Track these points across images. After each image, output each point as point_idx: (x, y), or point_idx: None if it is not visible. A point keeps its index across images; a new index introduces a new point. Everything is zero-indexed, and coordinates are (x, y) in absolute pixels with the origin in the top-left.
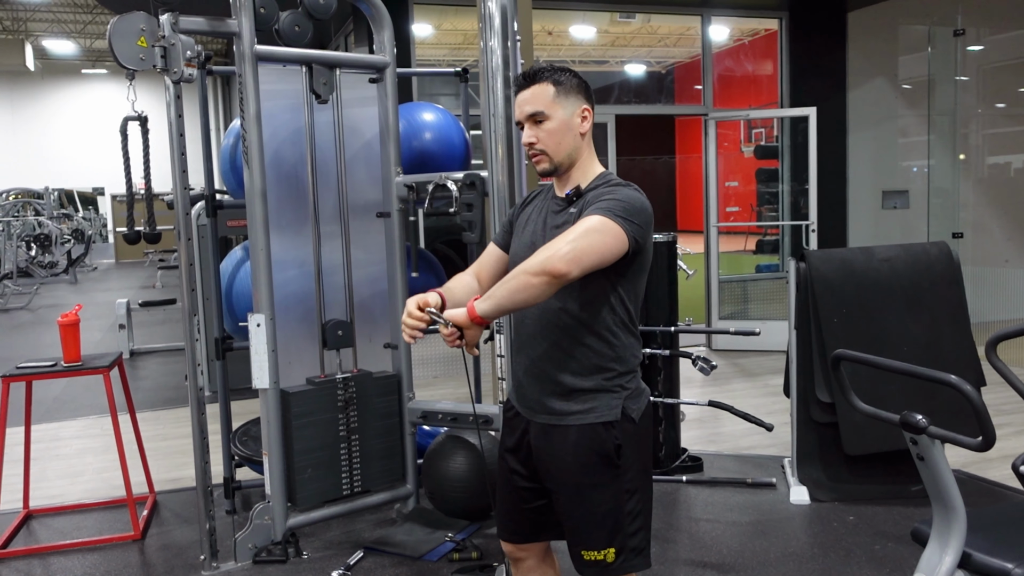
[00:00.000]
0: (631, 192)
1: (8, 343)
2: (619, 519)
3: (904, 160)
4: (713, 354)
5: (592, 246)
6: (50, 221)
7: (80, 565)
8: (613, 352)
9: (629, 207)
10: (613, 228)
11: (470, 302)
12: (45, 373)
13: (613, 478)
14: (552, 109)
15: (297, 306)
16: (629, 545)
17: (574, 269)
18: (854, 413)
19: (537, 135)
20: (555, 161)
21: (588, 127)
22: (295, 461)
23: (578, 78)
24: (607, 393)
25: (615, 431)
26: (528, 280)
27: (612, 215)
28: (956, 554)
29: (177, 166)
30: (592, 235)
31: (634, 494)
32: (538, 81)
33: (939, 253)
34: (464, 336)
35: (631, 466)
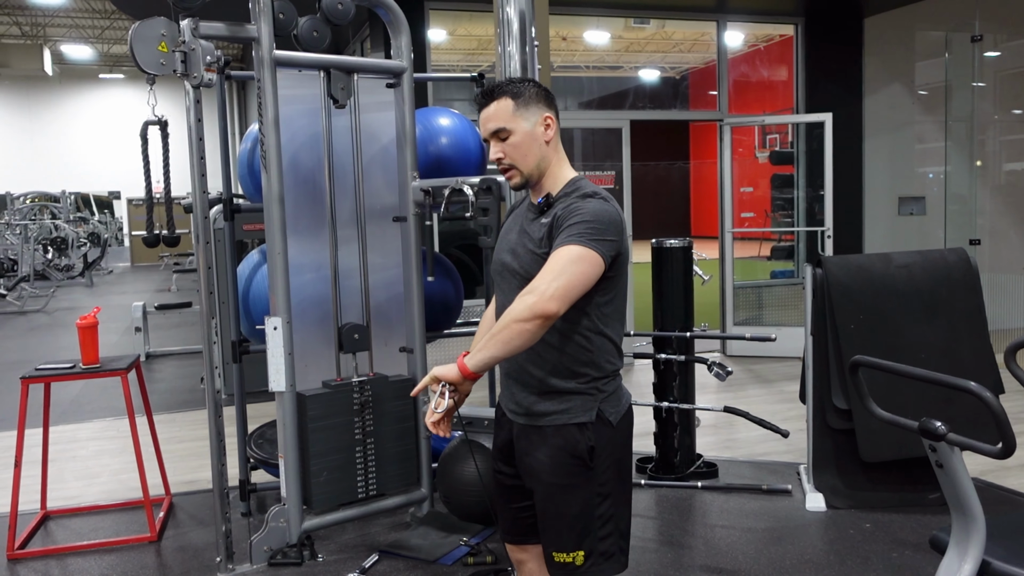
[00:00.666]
0: (598, 206)
1: (25, 345)
2: (589, 522)
3: (921, 166)
4: (728, 360)
5: (574, 279)
6: (67, 224)
7: (97, 566)
8: (587, 356)
9: (598, 226)
10: (589, 256)
11: (460, 358)
12: (64, 375)
13: (586, 480)
14: (514, 123)
15: (314, 310)
16: (599, 549)
17: (563, 306)
18: (871, 420)
19: (503, 150)
20: (525, 173)
21: (553, 134)
22: (311, 464)
23: (537, 87)
24: (582, 395)
25: (589, 432)
26: (521, 327)
27: (585, 241)
28: (975, 562)
29: (196, 170)
30: (572, 268)
31: (606, 498)
32: (497, 97)
33: (957, 260)
34: (458, 391)
35: (605, 469)
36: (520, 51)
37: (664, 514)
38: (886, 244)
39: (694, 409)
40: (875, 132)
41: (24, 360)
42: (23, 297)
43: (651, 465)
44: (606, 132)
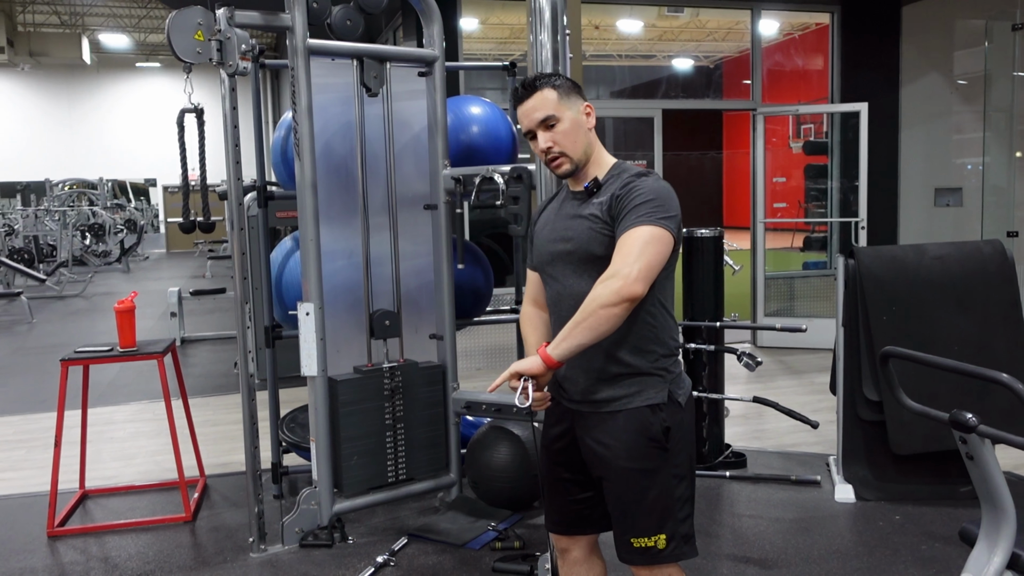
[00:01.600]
0: (656, 183)
1: (64, 329)
2: (669, 505)
3: (958, 157)
4: (759, 351)
5: (653, 259)
6: (104, 211)
7: (134, 544)
8: (654, 333)
9: (662, 203)
10: (662, 235)
11: (541, 349)
12: (102, 357)
13: (663, 462)
14: (560, 111)
15: (345, 296)
16: (680, 532)
17: (646, 287)
18: (902, 411)
19: (553, 139)
20: (575, 160)
21: (593, 122)
22: (342, 448)
23: (570, 80)
24: (652, 376)
25: (663, 413)
26: (609, 312)
27: (655, 220)
28: (1005, 555)
29: (231, 157)
30: (649, 248)
31: (683, 479)
32: (540, 88)
33: (993, 251)
34: (537, 381)
35: (680, 451)
36: (552, 40)
37: None
38: (921, 236)
39: (723, 399)
40: (911, 122)
41: (63, 344)
42: (62, 282)
43: None
44: (638, 121)
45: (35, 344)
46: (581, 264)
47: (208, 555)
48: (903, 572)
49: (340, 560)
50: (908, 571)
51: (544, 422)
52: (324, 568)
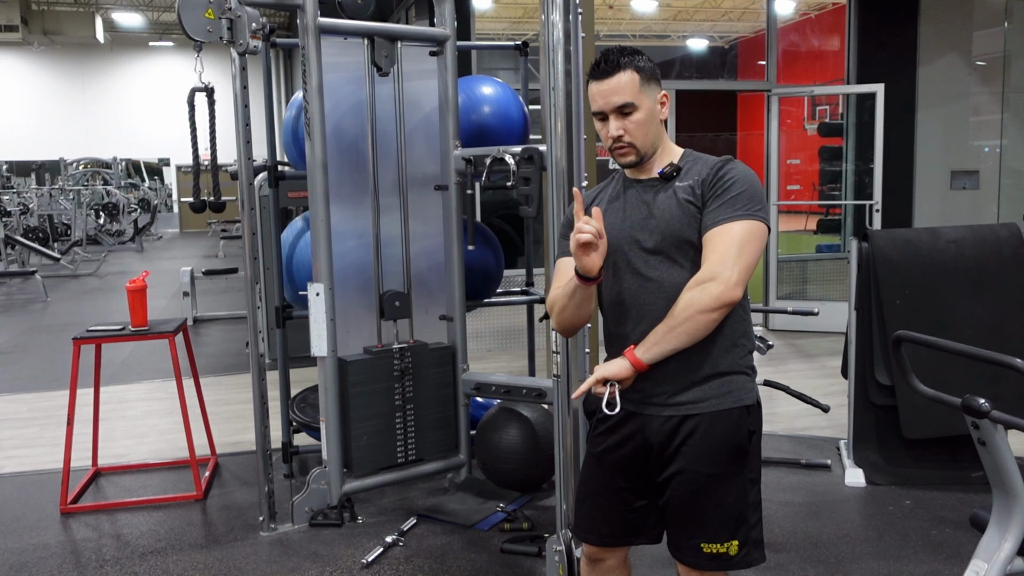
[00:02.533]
0: (748, 174)
1: (78, 308)
2: (744, 510)
3: (975, 139)
4: (770, 334)
5: (752, 258)
6: (118, 191)
7: (145, 522)
8: (743, 328)
9: (755, 194)
10: (761, 230)
11: (628, 353)
12: (114, 336)
13: (741, 467)
14: (640, 99)
15: (355, 276)
16: (752, 537)
17: (741, 290)
18: (914, 396)
19: (625, 127)
20: (641, 152)
21: (667, 112)
22: (352, 428)
23: (652, 62)
24: (741, 375)
25: (750, 417)
26: (707, 318)
27: (752, 214)
28: (1016, 540)
29: (241, 137)
30: (749, 247)
31: (756, 483)
32: (624, 68)
33: (1008, 235)
34: (622, 383)
35: (757, 454)
36: (564, 19)
37: None
38: (937, 219)
39: None
40: (928, 104)
41: (77, 322)
42: (76, 261)
43: None
44: None
45: (49, 323)
46: (672, 251)
47: (219, 533)
48: (913, 557)
49: (349, 539)
50: (918, 556)
51: (593, 430)
52: (333, 547)
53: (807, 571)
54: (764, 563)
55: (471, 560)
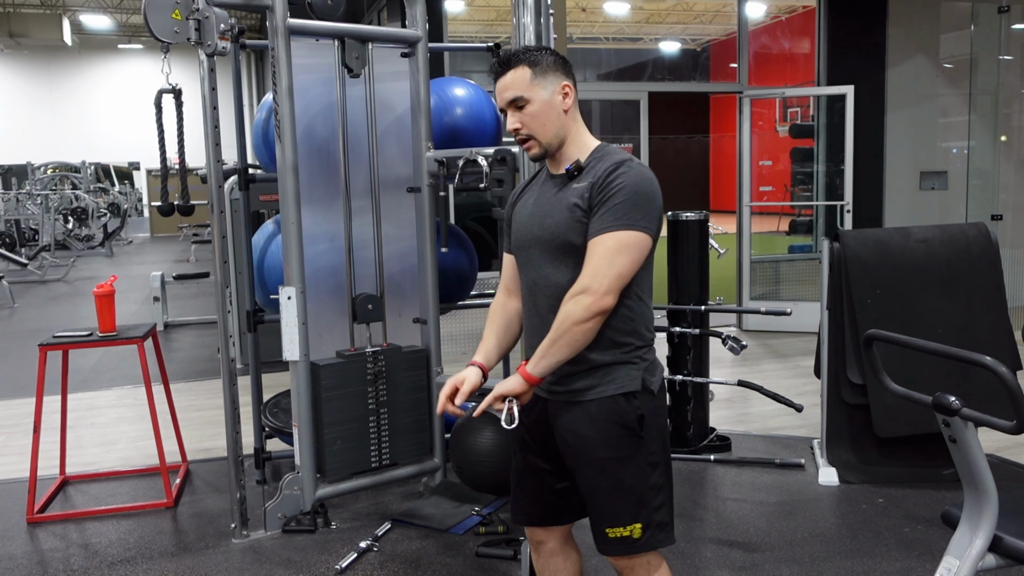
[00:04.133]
0: (639, 179)
1: (46, 314)
2: (643, 493)
3: (943, 140)
4: (744, 334)
5: (624, 268)
6: (87, 195)
7: (115, 531)
8: (631, 326)
9: (642, 202)
10: (638, 240)
11: (520, 369)
12: (81, 342)
13: (636, 450)
14: (531, 92)
15: (328, 280)
16: (655, 520)
17: (616, 297)
18: (886, 395)
19: (521, 120)
20: (543, 144)
21: (571, 103)
22: (325, 433)
23: (555, 55)
24: (627, 365)
25: (636, 401)
26: (583, 328)
27: (631, 224)
28: (987, 537)
29: (211, 139)
30: (621, 258)
31: (657, 467)
32: (514, 65)
33: (977, 234)
34: (519, 398)
35: (654, 438)
36: (535, 22)
37: (677, 487)
38: (907, 219)
39: (708, 383)
40: (897, 105)
41: (44, 328)
42: (44, 267)
43: None
44: (624, 104)
45: (16, 329)
46: (557, 252)
47: (190, 541)
48: (886, 554)
49: (323, 546)
50: (891, 553)
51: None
52: (307, 554)
53: (781, 570)
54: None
55: (446, 564)
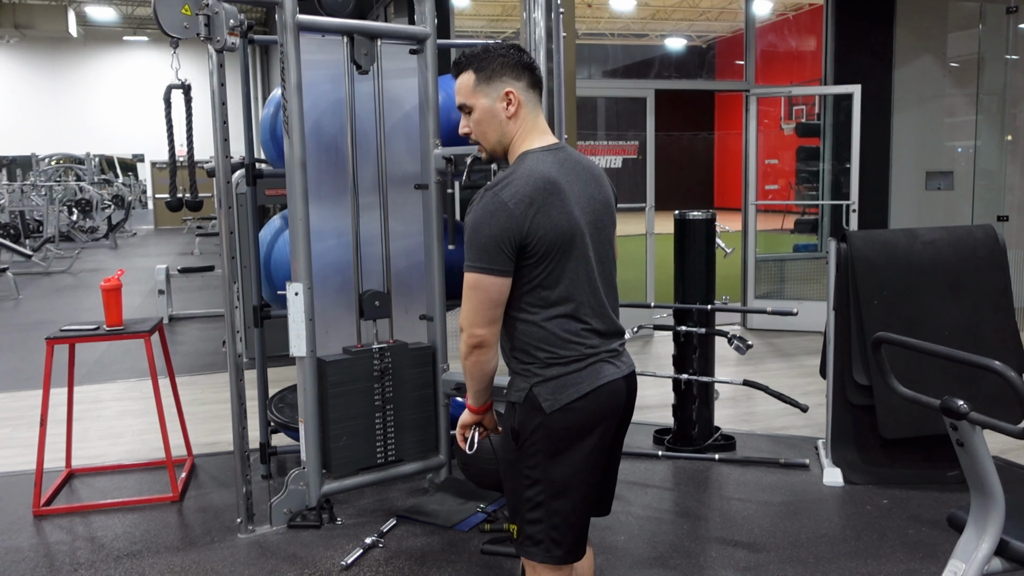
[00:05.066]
0: (478, 214)
1: (51, 306)
2: (517, 502)
3: (950, 140)
4: (748, 333)
5: (478, 305)
6: (91, 187)
7: (120, 524)
8: (518, 343)
9: (473, 241)
10: (473, 282)
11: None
12: (88, 336)
13: (516, 459)
14: (474, 99)
15: (335, 276)
16: (526, 531)
17: (485, 327)
18: (892, 396)
19: (469, 125)
20: (488, 149)
21: (515, 109)
22: (331, 429)
23: (504, 58)
24: (519, 376)
25: (514, 413)
26: (469, 362)
27: (471, 266)
28: (993, 541)
29: (219, 135)
30: (470, 298)
31: (535, 484)
32: (463, 70)
33: (984, 236)
34: (484, 425)
35: (533, 454)
36: (545, 17)
37: (681, 486)
38: (912, 219)
39: (713, 382)
40: (904, 105)
41: (49, 320)
42: (48, 258)
43: (668, 437)
44: (630, 101)
45: (21, 321)
46: None
47: (196, 535)
48: (890, 556)
49: (328, 541)
50: (895, 555)
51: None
52: (312, 549)
53: (786, 571)
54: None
55: (451, 561)
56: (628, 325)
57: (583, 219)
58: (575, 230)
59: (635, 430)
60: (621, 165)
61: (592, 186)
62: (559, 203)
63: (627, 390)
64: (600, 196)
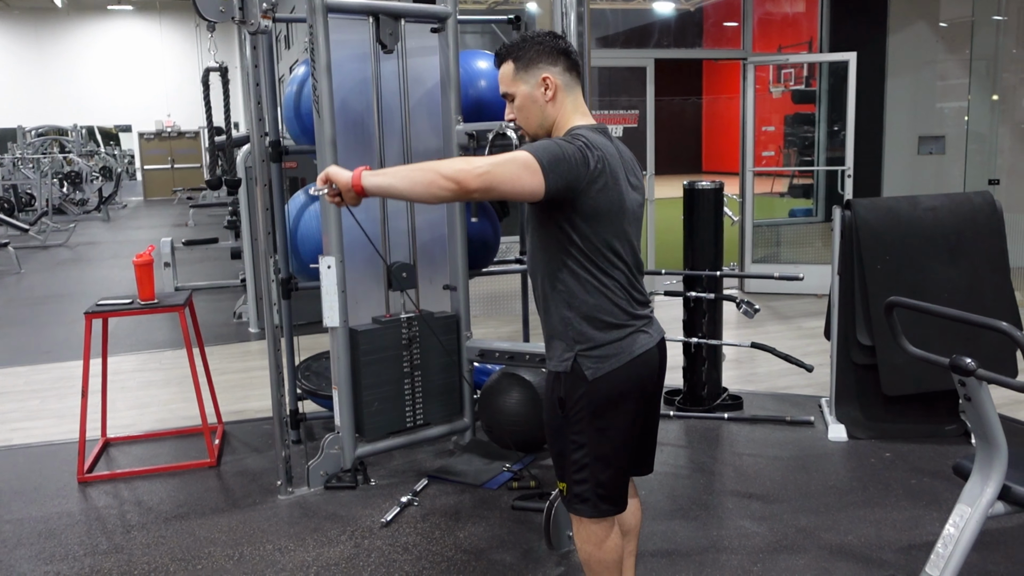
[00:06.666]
0: (560, 141)
1: (53, 279)
2: (565, 464)
3: (942, 104)
4: (747, 296)
5: (508, 174)
6: (79, 158)
7: (163, 488)
8: (565, 308)
9: (545, 145)
10: (531, 163)
11: (359, 169)
12: (124, 310)
13: (562, 424)
14: (514, 87)
15: (363, 249)
16: (573, 490)
17: (482, 191)
18: (894, 355)
19: (513, 111)
20: (531, 133)
21: (553, 92)
22: (363, 395)
23: (540, 45)
24: (560, 342)
25: (560, 383)
26: (434, 179)
27: (537, 153)
28: (997, 486)
29: (254, 115)
30: (511, 165)
31: (581, 448)
32: (503, 60)
33: (982, 203)
34: (343, 197)
35: (578, 420)
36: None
37: (694, 443)
38: (905, 183)
39: (722, 345)
40: (898, 70)
41: (56, 294)
42: (45, 232)
43: (679, 398)
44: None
45: (27, 295)
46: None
47: (237, 498)
48: (896, 504)
49: (365, 500)
50: (901, 503)
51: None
52: (351, 508)
53: (799, 520)
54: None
55: (484, 517)
56: None
57: (628, 195)
58: (625, 206)
59: None
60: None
61: (632, 167)
62: (617, 176)
63: (659, 356)
64: (636, 179)
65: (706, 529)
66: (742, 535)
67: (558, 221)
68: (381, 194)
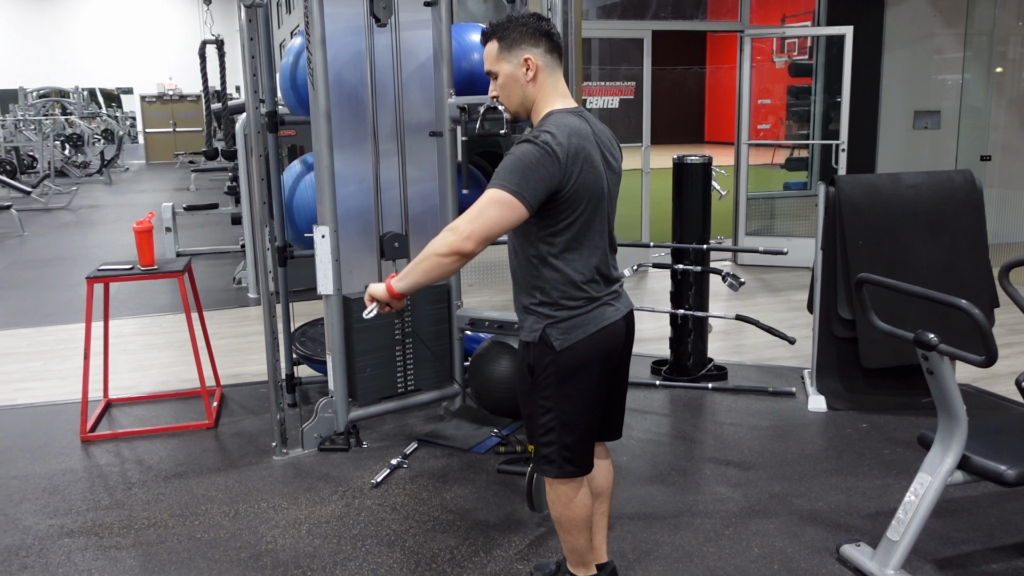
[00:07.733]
0: (524, 150)
1: (56, 242)
2: (533, 427)
3: (938, 81)
4: (738, 269)
5: (490, 222)
6: (80, 120)
7: (163, 448)
8: (536, 283)
9: (518, 169)
10: (503, 199)
11: (388, 279)
12: (125, 275)
13: (530, 390)
14: (498, 66)
15: (357, 219)
16: (541, 452)
17: (478, 246)
18: (872, 330)
19: (496, 89)
20: (511, 111)
21: (535, 73)
22: (356, 361)
23: (524, 26)
24: (533, 316)
25: (529, 352)
26: (440, 261)
27: (505, 184)
28: (956, 457)
29: (250, 87)
30: (489, 210)
31: (548, 412)
32: (489, 39)
33: (963, 181)
34: (391, 306)
35: (546, 386)
36: None
37: (677, 412)
38: (899, 157)
39: (708, 317)
40: (895, 45)
41: (59, 257)
42: (47, 194)
43: (665, 367)
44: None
45: (30, 258)
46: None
47: (234, 458)
48: (867, 473)
49: (357, 462)
50: (872, 472)
51: None
52: (343, 469)
53: (773, 486)
54: (558, 478)
55: (470, 480)
56: (627, 263)
57: (604, 175)
58: (602, 187)
59: (634, 361)
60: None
61: (610, 147)
62: (592, 159)
63: (626, 328)
64: (614, 159)
65: (683, 494)
66: (717, 500)
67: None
68: (413, 291)
